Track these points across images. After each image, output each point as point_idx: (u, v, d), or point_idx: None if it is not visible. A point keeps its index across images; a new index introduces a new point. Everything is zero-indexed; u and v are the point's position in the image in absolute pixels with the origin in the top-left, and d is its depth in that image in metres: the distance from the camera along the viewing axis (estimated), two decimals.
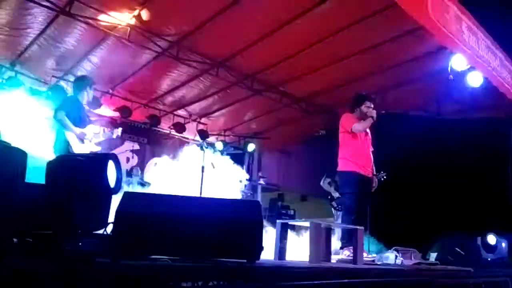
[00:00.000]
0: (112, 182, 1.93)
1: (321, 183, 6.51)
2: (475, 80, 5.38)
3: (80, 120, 4.42)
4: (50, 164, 2.00)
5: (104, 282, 1.66)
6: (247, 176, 7.94)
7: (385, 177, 4.69)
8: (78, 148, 4.22)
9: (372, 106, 4.52)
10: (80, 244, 1.66)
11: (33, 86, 6.35)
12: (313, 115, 7.73)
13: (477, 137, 5.89)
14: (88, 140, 4.40)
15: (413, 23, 4.62)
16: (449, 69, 5.17)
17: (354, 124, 4.40)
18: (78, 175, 1.92)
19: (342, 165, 4.45)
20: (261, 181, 9.07)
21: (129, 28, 5.31)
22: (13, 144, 1.88)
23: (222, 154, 8.32)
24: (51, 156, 4.17)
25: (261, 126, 8.48)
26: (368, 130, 4.53)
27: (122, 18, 5.16)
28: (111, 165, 1.94)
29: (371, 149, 4.57)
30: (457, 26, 4.42)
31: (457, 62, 5.06)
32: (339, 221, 5.39)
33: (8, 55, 5.83)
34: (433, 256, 4.42)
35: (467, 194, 5.97)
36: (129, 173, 7.24)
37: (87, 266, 1.66)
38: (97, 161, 1.98)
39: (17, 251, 1.59)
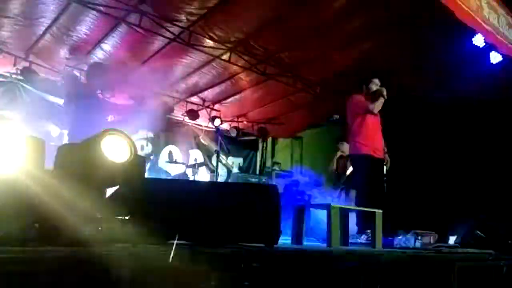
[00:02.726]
0: (119, 156, 1.84)
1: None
2: (494, 58, 5.23)
3: (92, 109, 4.44)
4: (57, 152, 1.99)
5: (124, 267, 1.66)
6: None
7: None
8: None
9: (379, 83, 4.43)
10: (100, 229, 1.67)
11: (47, 76, 6.41)
12: (327, 99, 7.63)
13: (498, 118, 5.75)
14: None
15: (432, 1, 4.48)
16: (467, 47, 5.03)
17: (368, 105, 4.32)
18: (74, 160, 1.89)
19: (354, 149, 4.39)
20: (275, 167, 9.06)
21: (140, 15, 5.28)
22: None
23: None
24: None
25: (275, 112, 8.41)
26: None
27: (133, 4, 5.12)
28: (110, 140, 1.87)
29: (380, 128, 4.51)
30: (477, 2, 4.28)
31: (477, 40, 4.91)
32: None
33: (23, 45, 5.86)
34: (452, 239, 4.36)
35: (486, 176, 5.85)
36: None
37: (107, 251, 1.67)
38: (90, 141, 1.92)
39: (39, 237, 1.61)
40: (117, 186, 2.04)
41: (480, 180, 5.84)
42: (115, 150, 1.84)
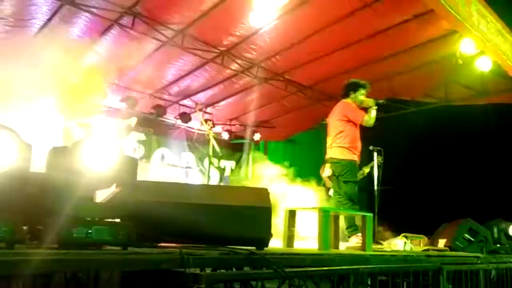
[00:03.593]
0: (102, 160, 1.78)
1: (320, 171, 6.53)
2: (484, 64, 5.30)
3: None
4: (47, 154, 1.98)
5: (114, 270, 1.66)
6: None
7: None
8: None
9: (366, 93, 4.53)
10: (90, 231, 1.66)
11: None
12: (319, 102, 7.68)
13: (487, 123, 5.83)
14: (93, 130, 4.41)
15: (421, 7, 4.55)
16: (458, 53, 5.10)
17: (365, 116, 4.35)
18: (61, 163, 1.86)
19: (342, 154, 4.41)
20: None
21: (133, 17, 5.27)
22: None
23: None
24: None
25: (267, 115, 8.44)
26: None
27: (126, 6, 5.12)
28: (92, 143, 1.82)
29: None
30: (466, 9, 4.33)
31: (466, 46, 4.98)
32: None
33: None
34: (441, 242, 4.40)
35: (476, 180, 5.92)
36: None
37: (97, 254, 1.67)
38: (74, 145, 1.87)
39: (27, 239, 1.60)
40: (112, 189, 2.03)
41: (469, 184, 5.91)
42: (98, 153, 1.83)
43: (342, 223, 4.16)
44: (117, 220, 1.91)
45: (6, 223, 1.51)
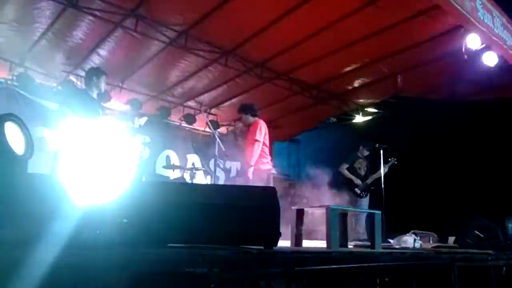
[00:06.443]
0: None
1: (340, 169, 6.60)
2: (490, 59, 5.25)
3: (89, 113, 4.43)
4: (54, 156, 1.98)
5: (123, 270, 1.65)
6: None
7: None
8: None
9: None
10: (98, 232, 1.65)
11: (43, 81, 6.38)
12: (324, 102, 7.65)
13: (494, 119, 5.77)
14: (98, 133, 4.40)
15: (426, 2, 4.52)
16: (463, 49, 5.05)
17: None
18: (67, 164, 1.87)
19: None
20: (273, 171, 9.03)
21: (136, 19, 5.27)
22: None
23: None
24: None
25: (272, 115, 8.38)
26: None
27: (128, 8, 5.12)
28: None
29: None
30: (471, 3, 4.30)
31: (472, 41, 4.94)
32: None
33: (18, 51, 5.83)
34: (451, 239, 4.36)
35: (484, 177, 5.86)
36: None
37: (107, 254, 1.65)
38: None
39: (39, 240, 1.59)
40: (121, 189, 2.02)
41: (478, 181, 5.85)
42: (104, 155, 1.83)
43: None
44: (125, 220, 1.90)
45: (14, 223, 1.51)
